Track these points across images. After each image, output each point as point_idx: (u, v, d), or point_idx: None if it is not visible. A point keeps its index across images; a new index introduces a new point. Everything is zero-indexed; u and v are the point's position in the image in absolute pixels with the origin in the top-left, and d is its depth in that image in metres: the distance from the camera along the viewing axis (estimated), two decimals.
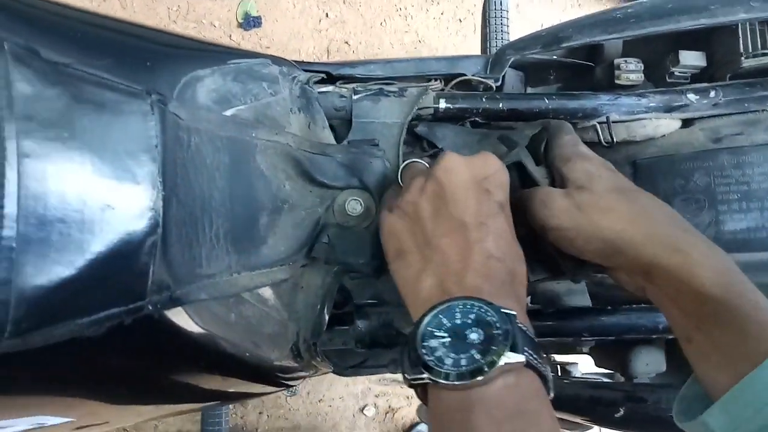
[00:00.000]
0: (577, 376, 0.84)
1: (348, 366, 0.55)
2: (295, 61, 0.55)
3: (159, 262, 0.35)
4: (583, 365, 0.88)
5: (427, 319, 0.34)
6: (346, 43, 1.61)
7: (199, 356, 0.40)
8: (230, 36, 1.57)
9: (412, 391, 0.36)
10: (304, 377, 0.54)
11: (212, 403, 0.69)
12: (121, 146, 0.33)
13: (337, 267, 0.48)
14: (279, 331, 0.46)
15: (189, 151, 0.38)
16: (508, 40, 1.01)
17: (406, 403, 1.44)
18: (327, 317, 0.48)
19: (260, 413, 1.40)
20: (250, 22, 1.56)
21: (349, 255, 0.48)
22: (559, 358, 0.88)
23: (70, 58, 0.33)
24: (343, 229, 0.48)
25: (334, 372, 0.54)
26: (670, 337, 0.58)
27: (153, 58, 0.39)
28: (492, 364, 0.31)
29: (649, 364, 0.58)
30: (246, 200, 0.43)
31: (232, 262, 0.41)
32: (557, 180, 0.46)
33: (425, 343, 0.33)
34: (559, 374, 0.87)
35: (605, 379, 0.83)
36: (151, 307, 0.34)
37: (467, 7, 1.67)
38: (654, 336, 0.57)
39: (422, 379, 0.33)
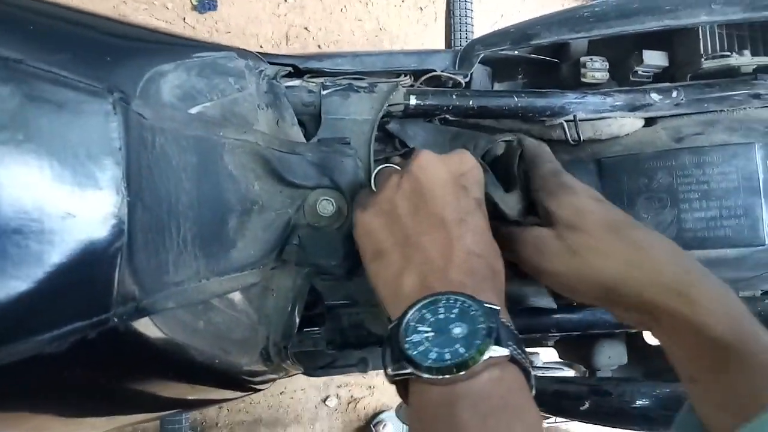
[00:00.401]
0: (539, 365, 0.86)
1: (318, 366, 0.54)
2: (260, 53, 0.53)
3: (124, 271, 0.33)
4: (545, 355, 0.91)
5: (410, 314, 0.34)
6: (306, 29, 1.58)
7: (166, 366, 0.39)
8: (184, 18, 1.51)
9: (374, 381, 0.35)
10: (273, 380, 0.53)
11: (174, 411, 0.67)
12: (82, 149, 0.31)
13: (307, 268, 0.47)
14: (249, 335, 0.45)
15: (154, 152, 0.36)
16: (473, 31, 1.01)
17: (368, 392, 1.44)
18: (298, 320, 0.47)
19: (220, 407, 1.38)
20: (205, 4, 1.51)
21: (321, 257, 0.47)
22: None
23: (22, 53, 0.31)
24: (315, 230, 0.47)
25: (303, 373, 0.53)
26: (633, 331, 0.60)
27: (113, 53, 0.36)
28: (477, 358, 0.31)
29: (611, 357, 0.60)
30: (214, 202, 0.41)
31: (200, 267, 0.39)
32: (541, 213, 0.44)
33: (408, 338, 0.33)
34: None
35: (565, 368, 0.86)
36: (116, 320, 0.33)
37: None
38: (617, 330, 0.58)
39: (405, 373, 0.32)
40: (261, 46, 1.56)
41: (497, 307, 0.33)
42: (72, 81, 0.32)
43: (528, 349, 0.92)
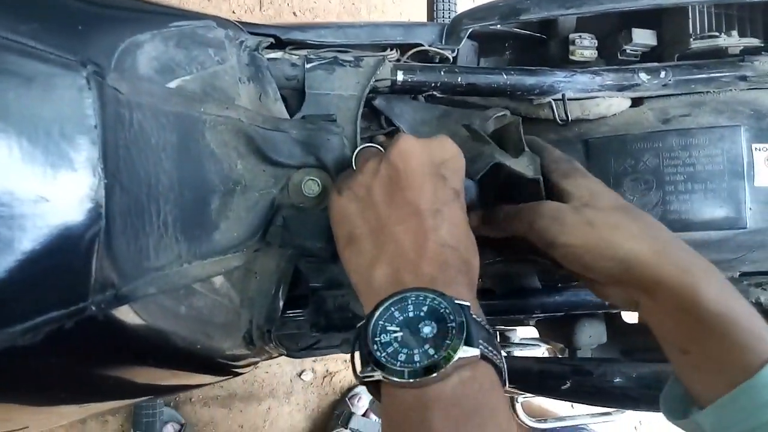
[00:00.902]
0: (516, 341, 0.86)
1: (300, 348, 0.53)
2: (239, 22, 0.50)
3: (102, 257, 0.31)
4: (521, 332, 0.91)
5: (378, 312, 0.33)
6: None
7: (146, 354, 0.37)
8: None
9: (349, 355, 0.35)
10: (255, 363, 0.51)
11: (150, 396, 0.66)
12: (55, 127, 0.29)
13: (292, 250, 0.46)
14: (231, 319, 0.43)
15: (131, 130, 0.34)
16: (456, 2, 0.99)
17: (343, 366, 1.45)
18: (282, 303, 0.45)
19: None
20: None
21: (306, 239, 0.45)
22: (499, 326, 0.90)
23: None
24: (299, 211, 0.45)
25: (286, 355, 0.52)
26: (614, 311, 0.61)
27: (85, 21, 0.33)
28: (447, 359, 0.30)
29: (592, 336, 0.60)
30: (196, 183, 0.39)
31: (182, 251, 0.37)
32: (554, 194, 0.45)
33: (377, 339, 0.32)
34: (499, 341, 0.90)
35: (542, 344, 0.87)
36: (94, 308, 0.31)
37: None
38: (598, 311, 0.59)
39: (375, 377, 0.31)
40: (233, 12, 1.50)
41: (467, 303, 0.33)
42: (42, 52, 0.29)
43: (505, 328, 0.93)
